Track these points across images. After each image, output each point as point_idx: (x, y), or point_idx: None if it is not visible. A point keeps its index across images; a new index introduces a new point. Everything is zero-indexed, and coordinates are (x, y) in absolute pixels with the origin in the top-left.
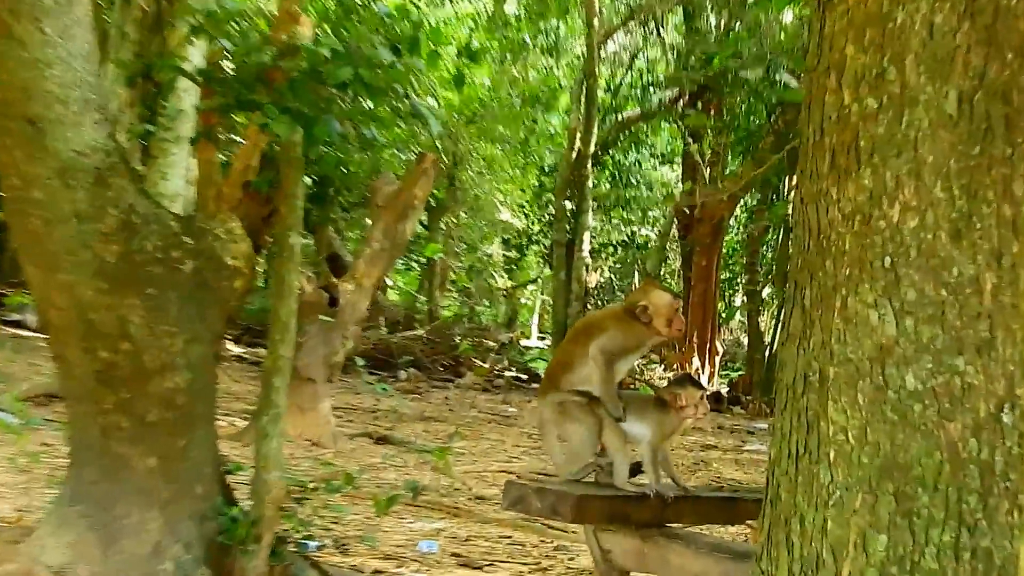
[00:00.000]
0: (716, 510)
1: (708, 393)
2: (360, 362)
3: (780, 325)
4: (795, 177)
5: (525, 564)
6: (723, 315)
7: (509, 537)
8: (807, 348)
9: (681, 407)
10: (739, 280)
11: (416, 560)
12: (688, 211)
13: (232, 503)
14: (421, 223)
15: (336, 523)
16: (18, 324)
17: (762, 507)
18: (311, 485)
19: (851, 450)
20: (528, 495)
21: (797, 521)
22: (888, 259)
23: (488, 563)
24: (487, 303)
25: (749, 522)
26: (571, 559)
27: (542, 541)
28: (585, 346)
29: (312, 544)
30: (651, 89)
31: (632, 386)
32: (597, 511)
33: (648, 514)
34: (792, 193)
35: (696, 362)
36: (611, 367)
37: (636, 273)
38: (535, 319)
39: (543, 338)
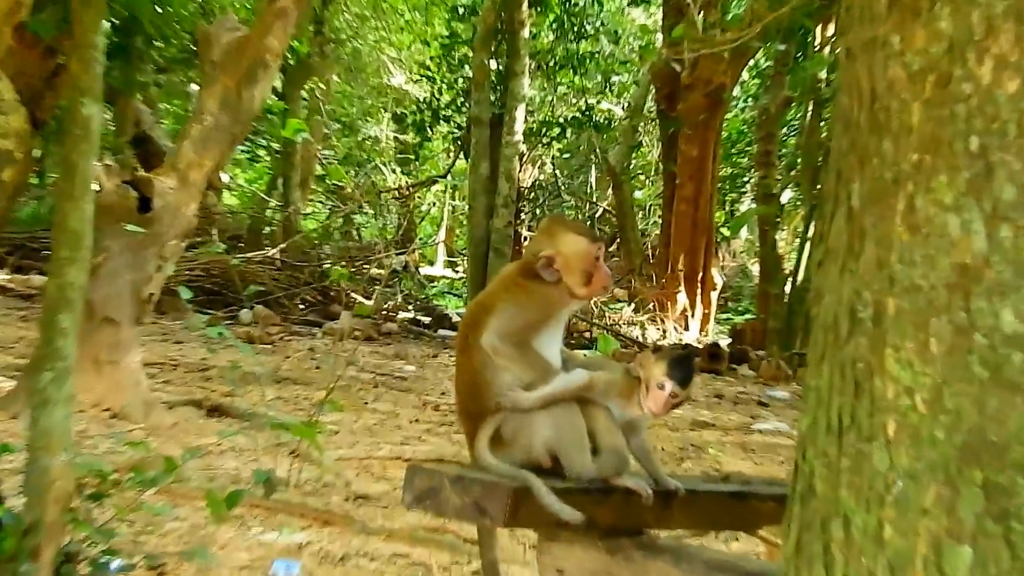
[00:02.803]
0: (717, 512)
1: (684, 398)
2: (185, 295)
3: (815, 239)
4: (837, 21)
5: None
6: (723, 230)
7: (406, 556)
8: (855, 271)
9: (649, 394)
10: (747, 178)
11: None
12: (672, 75)
13: None
14: (275, 91)
15: (151, 532)
16: None
17: (787, 507)
18: (114, 476)
19: (919, 421)
20: (442, 487)
21: (839, 526)
22: (975, 139)
23: None
24: (371, 211)
25: (763, 532)
26: None
27: (455, 562)
28: (479, 343)
29: (116, 563)
30: None
31: (587, 334)
32: (542, 511)
33: (618, 516)
34: (831, 45)
35: (682, 300)
36: (528, 349)
37: (593, 167)
38: (442, 234)
39: (453, 264)
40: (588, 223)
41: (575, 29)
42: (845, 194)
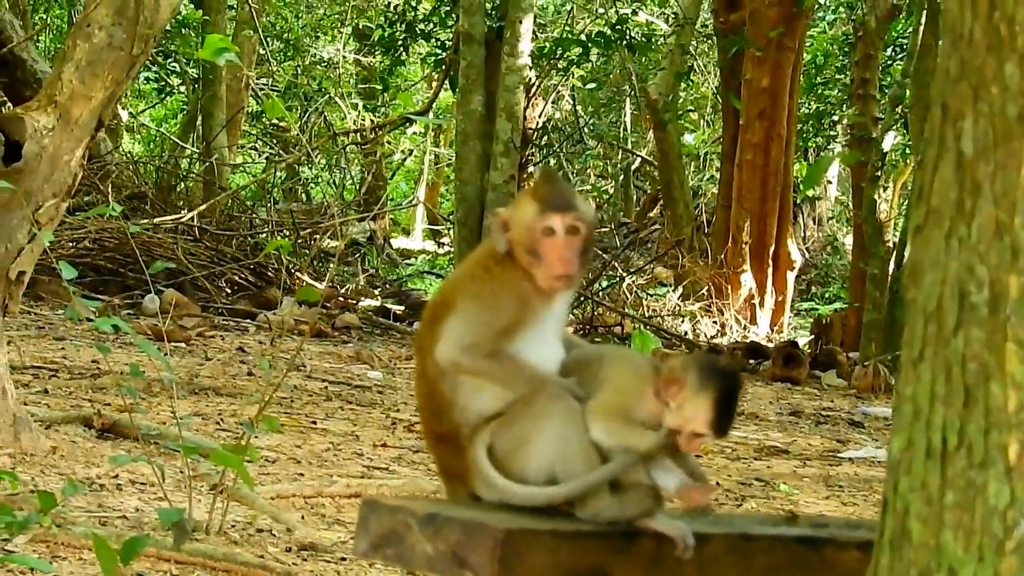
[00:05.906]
0: (780, 565)
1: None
2: (68, 274)
3: (913, 196)
4: None
5: None
6: (802, 183)
7: None
8: (966, 239)
9: (682, 436)
10: (837, 117)
11: None
12: None
13: None
14: None
15: None
16: None
17: (873, 558)
18: None
19: None
20: (408, 530)
21: None
22: None
23: None
24: (323, 162)
25: None
26: None
27: None
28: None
29: None
30: None
31: (618, 328)
32: (544, 561)
33: (647, 570)
34: None
35: (748, 282)
36: (504, 360)
37: (627, 102)
38: (421, 193)
39: (436, 233)
40: (621, 177)
41: None
42: (954, 135)
